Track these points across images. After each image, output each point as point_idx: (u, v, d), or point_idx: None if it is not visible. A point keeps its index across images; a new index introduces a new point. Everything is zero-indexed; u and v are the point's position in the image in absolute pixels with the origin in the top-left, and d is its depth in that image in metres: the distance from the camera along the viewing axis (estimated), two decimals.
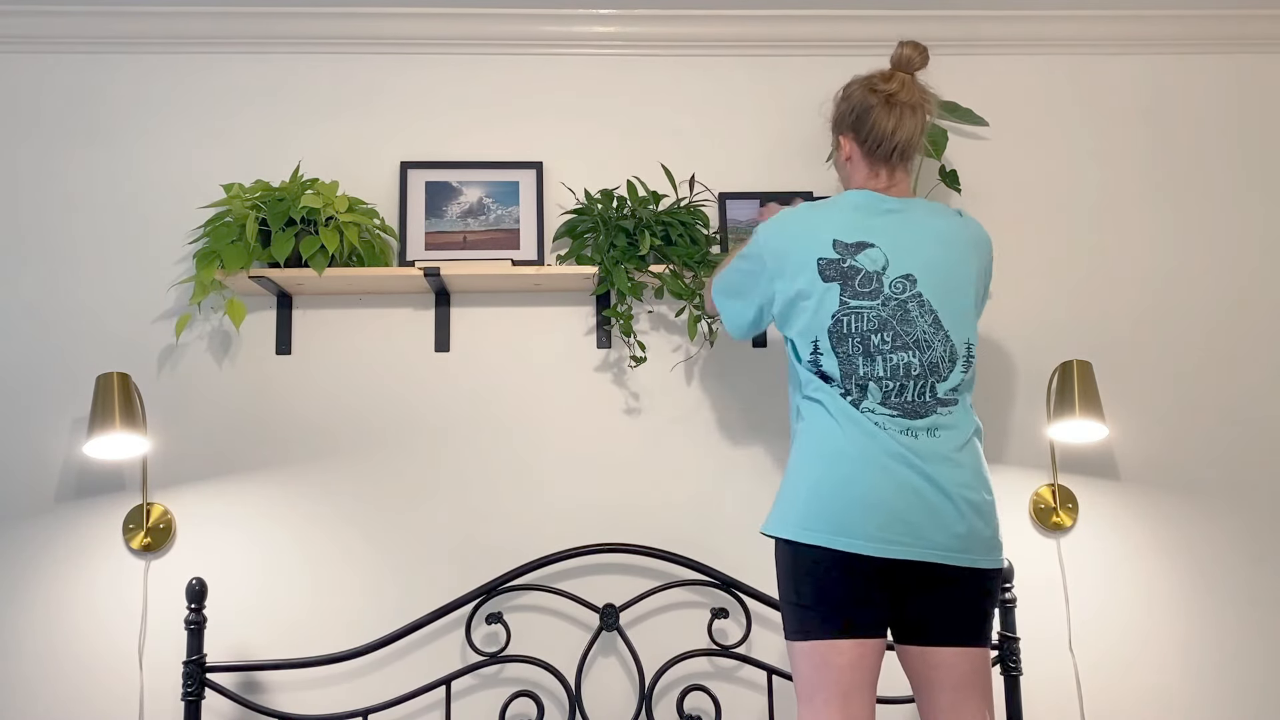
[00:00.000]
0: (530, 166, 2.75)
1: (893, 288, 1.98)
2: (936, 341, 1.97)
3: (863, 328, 1.96)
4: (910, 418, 1.95)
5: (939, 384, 1.97)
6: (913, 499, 1.90)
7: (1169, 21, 2.91)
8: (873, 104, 2.07)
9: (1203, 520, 2.75)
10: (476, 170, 2.74)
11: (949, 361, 1.98)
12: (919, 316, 1.97)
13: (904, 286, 1.98)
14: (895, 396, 1.95)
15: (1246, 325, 2.84)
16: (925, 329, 1.97)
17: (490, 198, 2.73)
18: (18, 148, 2.73)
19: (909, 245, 2.01)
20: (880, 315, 1.96)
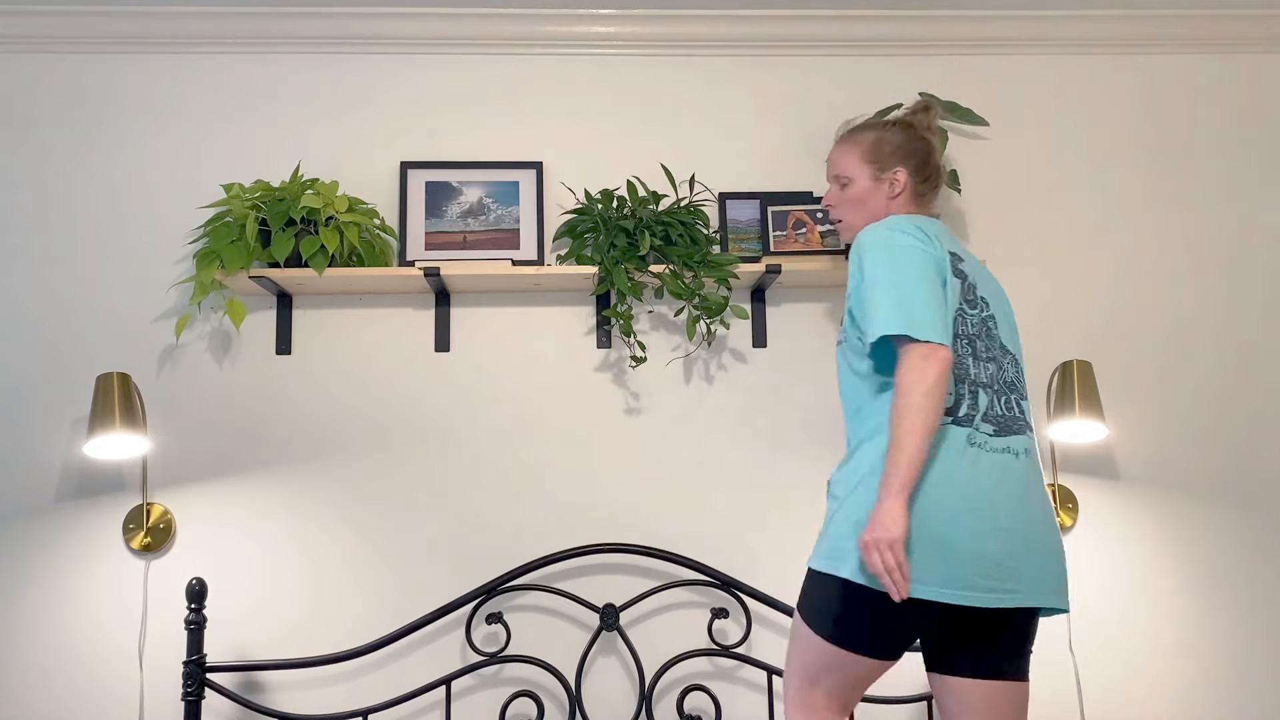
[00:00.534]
0: (530, 166, 2.75)
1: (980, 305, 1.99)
2: (1007, 362, 1.97)
3: (968, 330, 1.91)
4: (1004, 434, 1.88)
5: (1022, 400, 1.95)
6: (1020, 538, 1.82)
7: (1169, 21, 2.91)
8: (936, 145, 2.13)
9: (1203, 520, 2.75)
10: (476, 170, 2.74)
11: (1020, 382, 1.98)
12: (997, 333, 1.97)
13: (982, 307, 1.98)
14: (994, 409, 1.89)
15: (1247, 325, 2.85)
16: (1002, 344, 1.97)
17: (490, 198, 2.73)
18: (18, 148, 2.73)
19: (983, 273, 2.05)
20: (979, 320, 1.94)
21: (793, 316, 2.78)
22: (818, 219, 2.72)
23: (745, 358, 2.76)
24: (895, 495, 1.72)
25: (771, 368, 2.75)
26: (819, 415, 2.73)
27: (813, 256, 2.67)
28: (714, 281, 2.60)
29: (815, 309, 2.78)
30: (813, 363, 2.75)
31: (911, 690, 2.61)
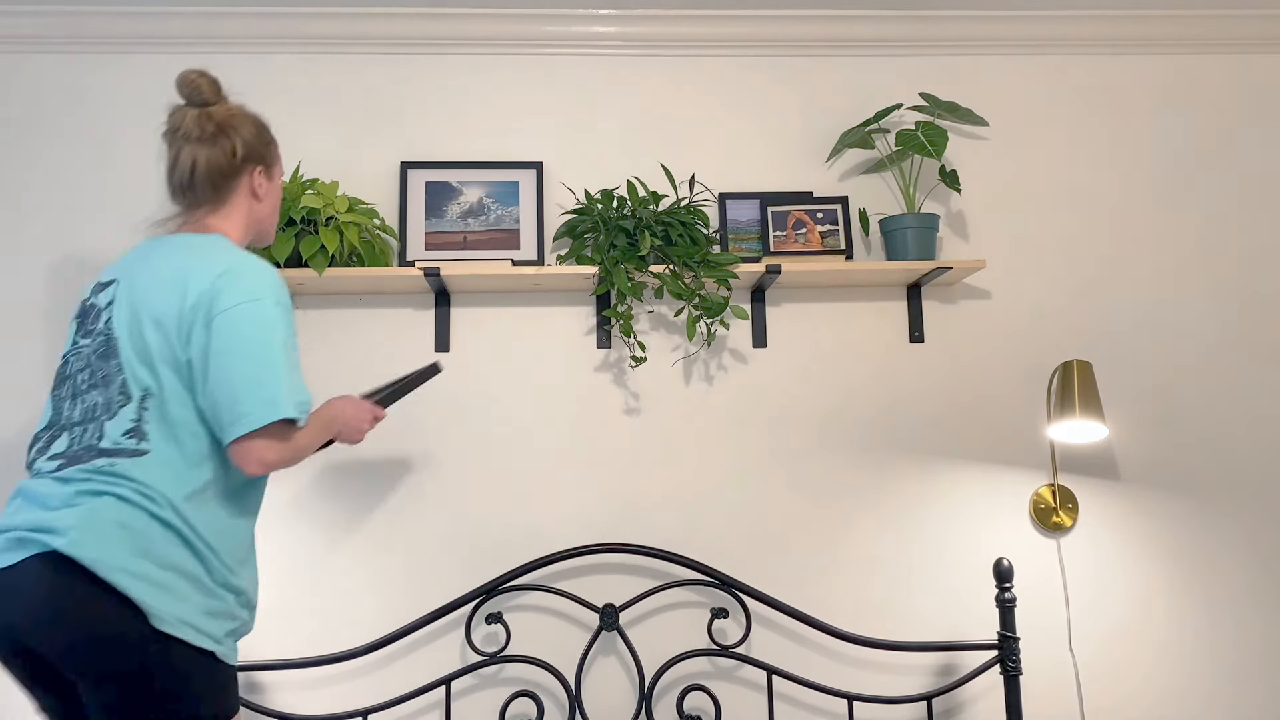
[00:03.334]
0: (530, 166, 2.75)
1: (106, 324, 1.80)
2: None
3: (74, 367, 1.81)
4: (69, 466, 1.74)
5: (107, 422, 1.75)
6: None
7: (1169, 21, 2.91)
8: (167, 140, 1.92)
9: (1203, 520, 2.75)
10: (476, 170, 2.74)
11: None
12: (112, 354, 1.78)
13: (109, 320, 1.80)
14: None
15: (1247, 325, 2.85)
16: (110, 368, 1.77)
17: (490, 198, 2.73)
18: (17, 148, 2.73)
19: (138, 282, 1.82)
20: (91, 347, 1.80)
21: (793, 316, 2.78)
22: (818, 219, 2.72)
23: (745, 358, 2.76)
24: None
25: (771, 368, 2.75)
26: (819, 415, 2.74)
27: (813, 257, 2.67)
28: (714, 281, 2.60)
29: (815, 309, 2.78)
30: (813, 363, 2.75)
31: (911, 690, 2.61)
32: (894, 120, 2.85)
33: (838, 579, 2.67)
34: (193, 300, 1.76)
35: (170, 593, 1.67)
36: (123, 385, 1.75)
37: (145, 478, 1.70)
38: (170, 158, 1.90)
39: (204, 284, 1.76)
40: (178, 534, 1.71)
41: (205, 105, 1.91)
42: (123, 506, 1.68)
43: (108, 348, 1.78)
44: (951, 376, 2.77)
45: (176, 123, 1.90)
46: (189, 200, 1.90)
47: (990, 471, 2.73)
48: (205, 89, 1.90)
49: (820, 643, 2.63)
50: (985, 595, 2.67)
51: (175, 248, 1.85)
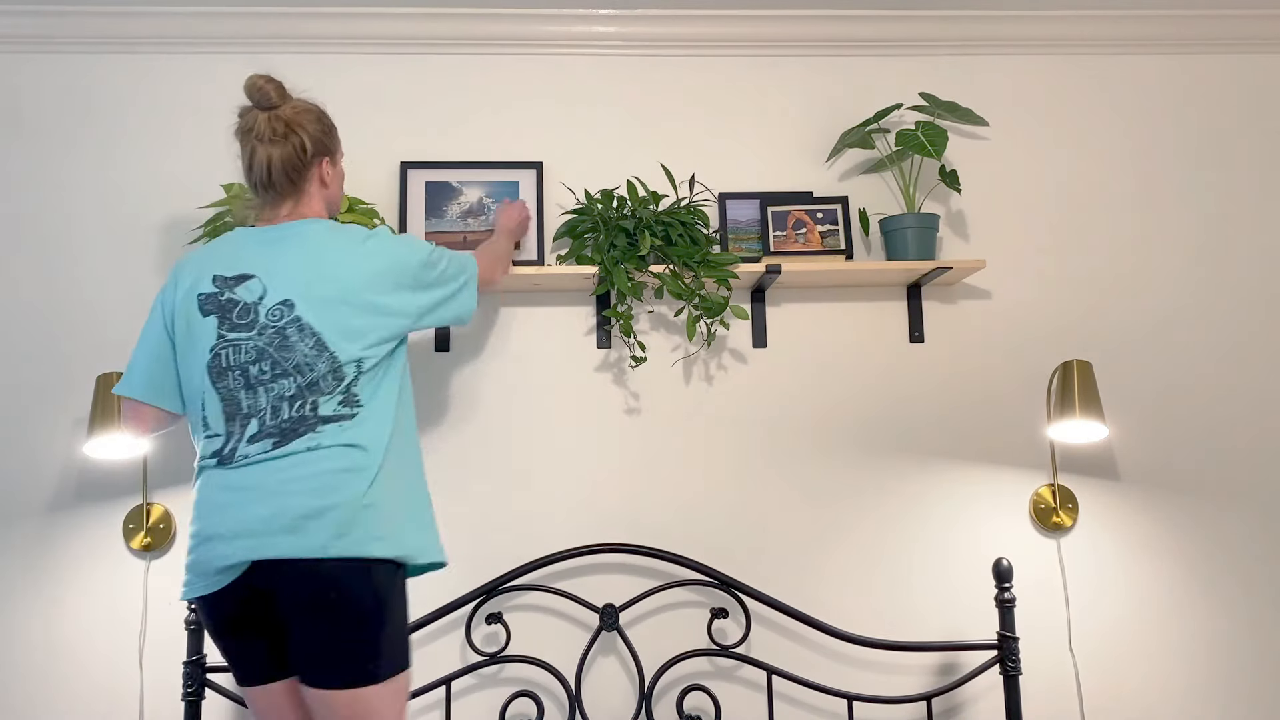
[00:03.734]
0: (530, 166, 2.75)
1: (270, 315, 1.94)
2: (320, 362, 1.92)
3: (239, 359, 1.93)
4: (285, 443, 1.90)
5: (321, 398, 1.91)
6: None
7: (1170, 21, 2.91)
8: (239, 139, 2.05)
9: (1202, 520, 2.75)
10: (476, 170, 2.74)
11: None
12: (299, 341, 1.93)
13: (281, 313, 1.94)
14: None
15: (1247, 325, 2.85)
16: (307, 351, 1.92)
17: (490, 198, 2.73)
18: (17, 148, 2.73)
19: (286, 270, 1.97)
20: (260, 340, 1.93)
21: (793, 316, 2.78)
22: (817, 219, 2.72)
23: (745, 358, 2.76)
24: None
25: (771, 368, 2.75)
26: (819, 415, 2.74)
27: (813, 257, 2.67)
28: (714, 281, 2.60)
29: (815, 309, 2.78)
30: (813, 363, 2.75)
31: (911, 690, 2.61)
32: (894, 120, 2.85)
33: (838, 579, 2.67)
34: (376, 266, 2.01)
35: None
36: (334, 366, 1.91)
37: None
38: (246, 157, 2.04)
39: (371, 251, 2.02)
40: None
41: (272, 108, 2.03)
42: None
43: (284, 338, 1.91)
44: (951, 376, 2.77)
45: (249, 124, 2.03)
46: (271, 195, 2.05)
47: (990, 471, 2.73)
48: (272, 94, 2.03)
49: (820, 643, 2.63)
50: (985, 595, 2.67)
51: (307, 234, 2.01)
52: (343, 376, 1.92)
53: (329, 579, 1.82)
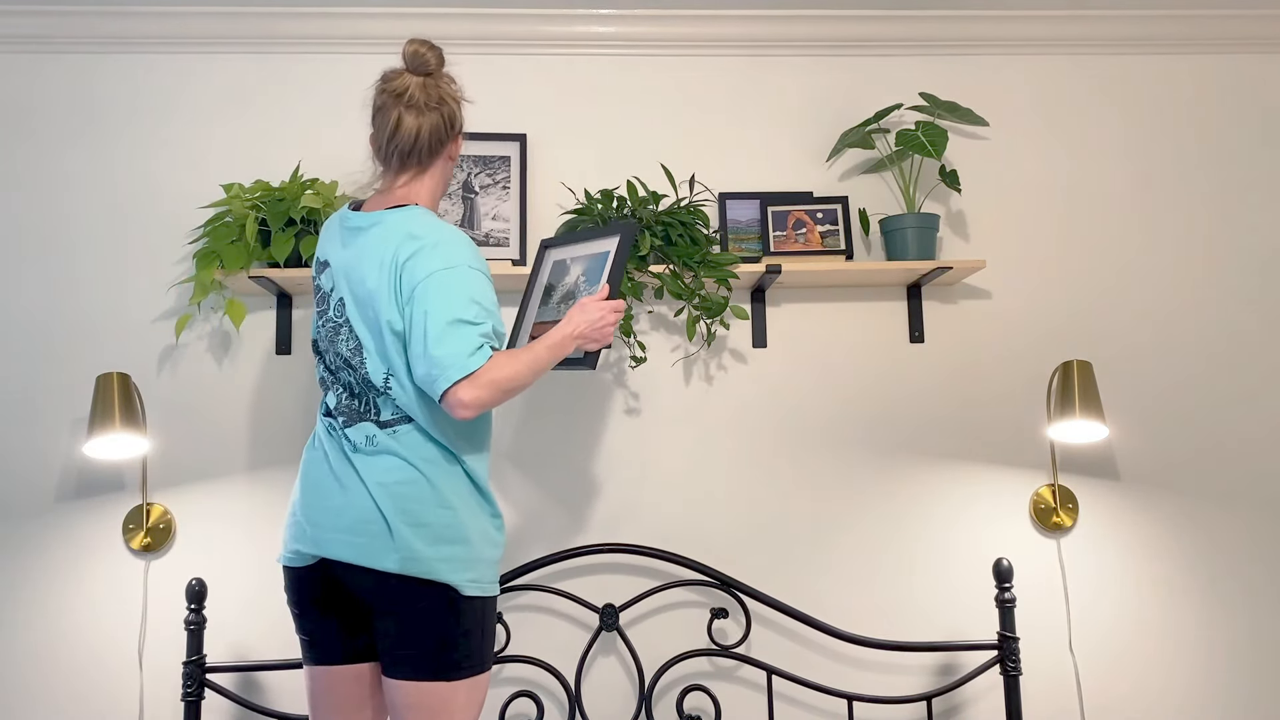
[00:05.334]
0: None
1: (335, 309, 2.00)
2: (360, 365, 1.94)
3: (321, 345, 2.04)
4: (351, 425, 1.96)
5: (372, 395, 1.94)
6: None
7: (1170, 21, 2.91)
8: (382, 103, 1.99)
9: (1202, 520, 2.75)
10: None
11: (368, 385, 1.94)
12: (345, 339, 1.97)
13: (340, 309, 1.99)
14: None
15: (1246, 325, 2.84)
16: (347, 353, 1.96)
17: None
18: (17, 147, 2.73)
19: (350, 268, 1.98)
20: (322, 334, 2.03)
21: (793, 316, 2.78)
22: (817, 219, 2.72)
23: (745, 358, 2.76)
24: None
25: (771, 368, 2.75)
26: (819, 415, 2.74)
27: (813, 257, 2.67)
28: (714, 281, 2.60)
29: (815, 309, 2.78)
30: (813, 363, 2.75)
31: (911, 690, 2.61)
32: (894, 120, 2.84)
33: (838, 579, 2.67)
34: (395, 275, 1.89)
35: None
36: (367, 374, 1.91)
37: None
38: (390, 122, 1.96)
39: (403, 257, 1.88)
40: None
41: (428, 75, 1.98)
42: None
43: (337, 333, 1.97)
44: (951, 376, 2.77)
45: (400, 88, 1.96)
46: (401, 164, 1.99)
47: (990, 471, 2.73)
48: (431, 60, 1.99)
49: (820, 643, 2.63)
50: (985, 595, 2.67)
51: (388, 225, 1.94)
52: (376, 388, 1.92)
53: (399, 587, 1.86)
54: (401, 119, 1.95)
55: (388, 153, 1.99)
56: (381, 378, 1.91)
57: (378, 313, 1.89)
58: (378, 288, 1.89)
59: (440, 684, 1.85)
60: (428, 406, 1.90)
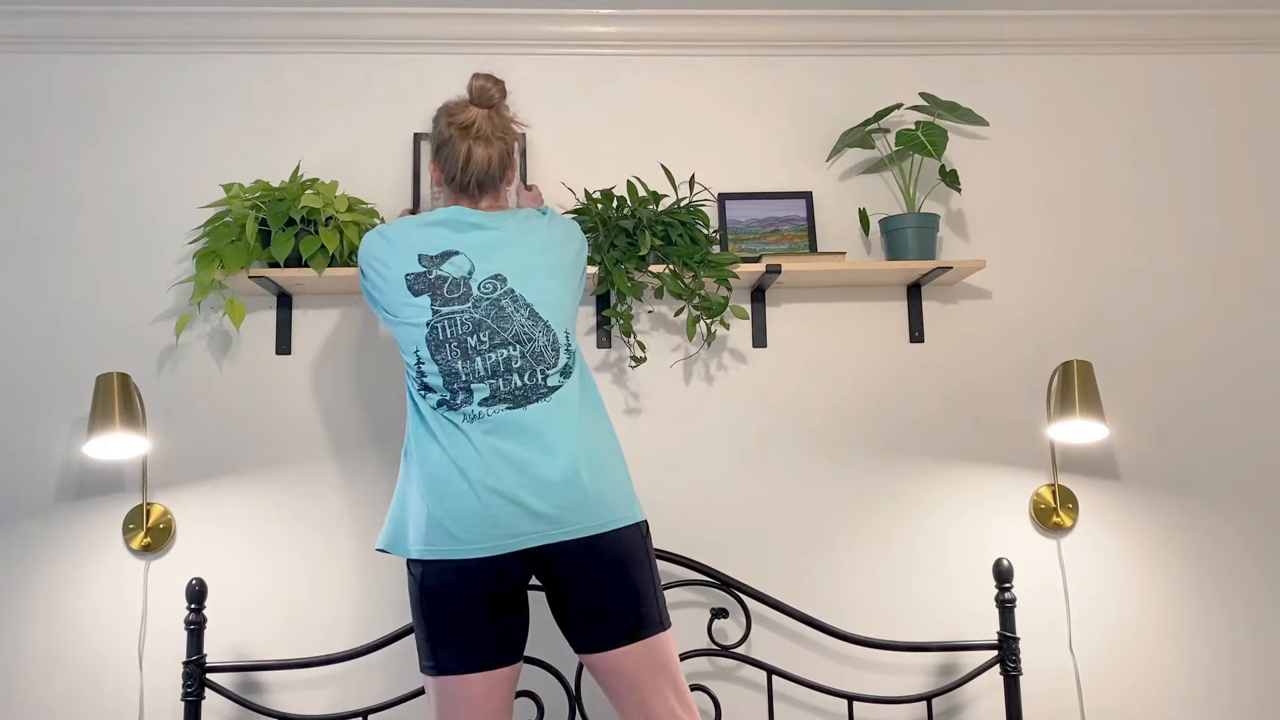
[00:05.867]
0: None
1: (482, 288, 2.04)
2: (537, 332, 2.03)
3: (456, 332, 2.02)
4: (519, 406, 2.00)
5: (549, 370, 2.02)
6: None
7: (1169, 21, 2.91)
8: (450, 135, 2.14)
9: (1202, 520, 2.75)
10: None
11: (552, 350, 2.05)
12: (514, 312, 2.04)
13: (494, 286, 2.04)
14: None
15: (1247, 325, 2.85)
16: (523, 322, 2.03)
17: None
18: (17, 147, 2.73)
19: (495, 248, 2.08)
20: (476, 312, 2.03)
21: (793, 316, 2.78)
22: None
23: (745, 358, 2.76)
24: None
25: (771, 368, 2.75)
26: (819, 415, 2.74)
27: (813, 257, 2.67)
28: (714, 281, 2.60)
29: (815, 309, 2.78)
30: (813, 363, 2.75)
31: (911, 690, 2.61)
32: (894, 120, 2.84)
33: (838, 579, 2.67)
34: (576, 247, 2.17)
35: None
36: (550, 337, 2.02)
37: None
38: (460, 155, 2.12)
39: (574, 237, 2.18)
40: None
41: (492, 107, 2.15)
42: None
43: (499, 309, 2.01)
44: (951, 376, 2.77)
45: (467, 121, 2.12)
46: (480, 190, 2.14)
47: (990, 471, 2.73)
48: (495, 94, 2.15)
49: (820, 643, 2.63)
50: (985, 595, 2.67)
51: (516, 219, 2.13)
52: (558, 345, 2.02)
53: (617, 541, 1.96)
54: (472, 152, 2.11)
55: (464, 182, 2.13)
56: (564, 334, 2.05)
57: (563, 282, 2.09)
58: (559, 261, 2.10)
59: (667, 631, 1.99)
60: (582, 360, 2.10)
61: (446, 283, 2.03)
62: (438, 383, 1.99)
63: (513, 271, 2.04)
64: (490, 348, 1.99)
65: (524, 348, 2.00)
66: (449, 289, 2.02)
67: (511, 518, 1.91)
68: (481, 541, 1.91)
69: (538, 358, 2.00)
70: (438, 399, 2.00)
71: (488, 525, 1.90)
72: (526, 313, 2.02)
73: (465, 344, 1.99)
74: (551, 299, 2.05)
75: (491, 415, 1.96)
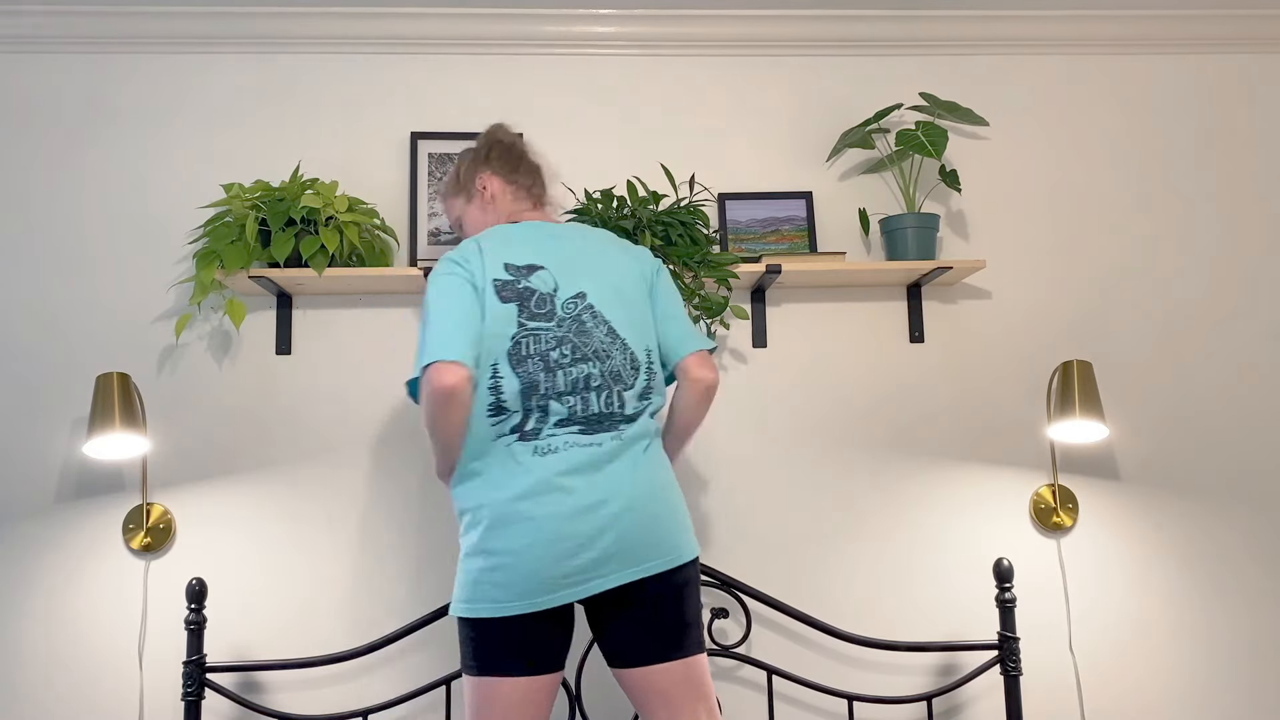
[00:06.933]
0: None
1: (565, 307, 2.03)
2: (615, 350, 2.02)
3: (539, 348, 1.98)
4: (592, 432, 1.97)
5: (625, 391, 2.00)
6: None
7: (1169, 22, 2.91)
8: (511, 141, 2.23)
9: (1202, 520, 2.75)
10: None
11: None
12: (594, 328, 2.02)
13: (576, 304, 2.03)
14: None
15: (1247, 325, 2.85)
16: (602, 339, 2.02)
17: None
18: (17, 147, 2.73)
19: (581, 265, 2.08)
20: (561, 327, 2.00)
21: (793, 316, 2.78)
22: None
23: (745, 358, 2.76)
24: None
25: (771, 368, 2.75)
26: (819, 415, 2.74)
27: (813, 257, 2.67)
28: (714, 281, 2.60)
29: (815, 309, 2.78)
30: (813, 363, 2.75)
31: (911, 690, 2.61)
32: (894, 120, 2.85)
33: (838, 579, 2.67)
34: (644, 264, 2.13)
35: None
36: (629, 356, 2.01)
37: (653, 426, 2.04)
38: (526, 157, 2.23)
39: (641, 254, 2.15)
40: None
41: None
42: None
43: (581, 325, 1.99)
44: (951, 376, 2.77)
45: (511, 138, 2.25)
46: (540, 197, 2.23)
47: (990, 471, 2.73)
48: (519, 145, 2.27)
49: (820, 643, 2.63)
50: (985, 595, 2.67)
51: (575, 233, 2.13)
52: (638, 365, 2.01)
53: (678, 573, 1.96)
54: (525, 156, 2.23)
55: (530, 184, 2.21)
56: (645, 352, 2.03)
57: (639, 300, 2.07)
58: (639, 279, 2.09)
59: (704, 653, 2.00)
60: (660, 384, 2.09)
61: (535, 297, 1.99)
62: (514, 398, 1.92)
63: (593, 287, 2.02)
64: (572, 362, 1.96)
65: (602, 365, 1.97)
66: (536, 304, 1.99)
67: (583, 564, 1.88)
68: (553, 592, 1.88)
69: (615, 376, 1.98)
70: (511, 423, 1.93)
71: (558, 576, 1.87)
72: (605, 329, 2.00)
73: (548, 358, 1.95)
74: (628, 317, 2.03)
75: (564, 450, 1.91)
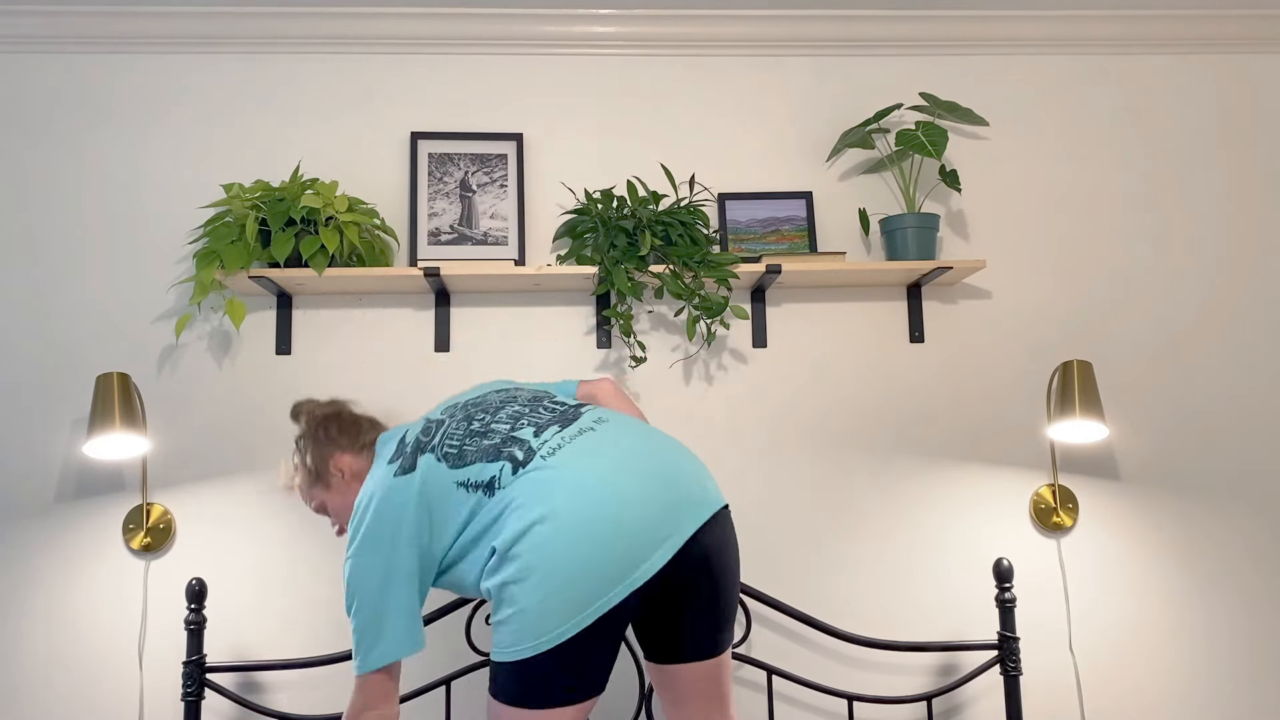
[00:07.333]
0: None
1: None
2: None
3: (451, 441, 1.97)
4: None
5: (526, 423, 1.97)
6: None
7: (1170, 22, 2.91)
8: (343, 409, 2.19)
9: (1202, 520, 2.75)
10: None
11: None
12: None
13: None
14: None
15: (1247, 325, 2.85)
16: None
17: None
18: (17, 147, 2.73)
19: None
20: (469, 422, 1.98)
21: (793, 316, 2.78)
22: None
23: (745, 358, 2.76)
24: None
25: (771, 368, 2.75)
26: (819, 415, 2.74)
27: (813, 257, 2.67)
28: (714, 281, 2.60)
29: (815, 309, 2.78)
30: (813, 363, 2.75)
31: (911, 690, 2.61)
32: (894, 120, 2.85)
33: (838, 579, 2.67)
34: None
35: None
36: (534, 395, 2.05)
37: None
38: (356, 418, 2.18)
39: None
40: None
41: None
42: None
43: (470, 409, 2.02)
44: (951, 376, 2.77)
45: (333, 405, 2.22)
46: (373, 438, 2.14)
47: (990, 471, 2.74)
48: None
49: (820, 643, 2.63)
50: (985, 595, 2.67)
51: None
52: (541, 397, 2.04)
53: (730, 526, 1.91)
54: (352, 407, 2.23)
55: (371, 419, 2.18)
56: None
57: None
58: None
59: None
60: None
61: (415, 440, 1.96)
62: (484, 468, 1.85)
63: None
64: (494, 412, 1.96)
65: (517, 404, 1.98)
66: (424, 433, 1.97)
67: (662, 508, 1.77)
68: (653, 552, 1.74)
69: (533, 401, 1.99)
70: (513, 466, 1.84)
71: (647, 533, 1.74)
72: (496, 403, 2.01)
73: (471, 420, 1.96)
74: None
75: (562, 442, 1.85)
